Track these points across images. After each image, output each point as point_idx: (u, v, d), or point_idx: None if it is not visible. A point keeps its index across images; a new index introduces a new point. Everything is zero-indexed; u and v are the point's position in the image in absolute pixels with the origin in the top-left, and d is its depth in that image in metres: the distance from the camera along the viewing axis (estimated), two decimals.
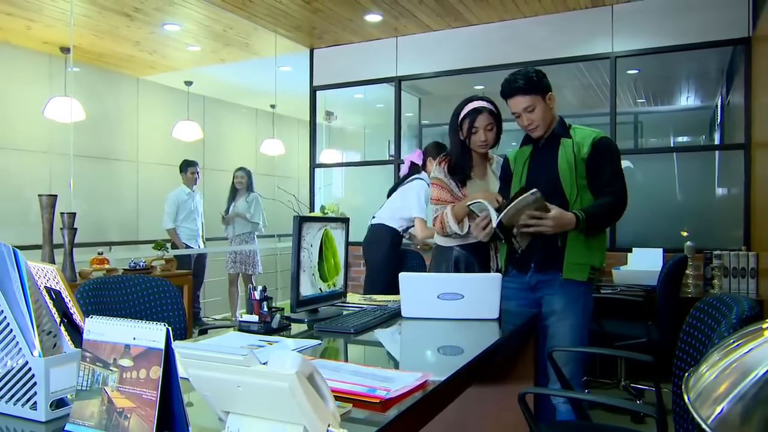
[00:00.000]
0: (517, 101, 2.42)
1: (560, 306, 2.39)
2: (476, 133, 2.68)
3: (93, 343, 1.08)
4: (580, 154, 2.39)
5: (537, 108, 2.41)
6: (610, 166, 2.39)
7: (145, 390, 1.01)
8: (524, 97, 2.40)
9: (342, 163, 6.58)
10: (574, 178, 2.38)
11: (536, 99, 2.40)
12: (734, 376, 0.68)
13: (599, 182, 2.38)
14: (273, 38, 5.52)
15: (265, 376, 0.85)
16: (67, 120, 4.97)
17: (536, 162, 2.51)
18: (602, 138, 2.42)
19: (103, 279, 2.16)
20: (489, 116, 2.67)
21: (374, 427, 1.13)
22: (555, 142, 2.46)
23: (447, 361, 1.79)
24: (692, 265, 4.02)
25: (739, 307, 1.40)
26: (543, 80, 2.42)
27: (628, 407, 1.69)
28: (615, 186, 2.38)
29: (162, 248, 4.25)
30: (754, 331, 0.70)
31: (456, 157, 2.77)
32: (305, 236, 2.16)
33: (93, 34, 5.40)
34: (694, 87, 6.05)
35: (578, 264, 2.36)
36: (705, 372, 0.74)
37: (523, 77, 2.40)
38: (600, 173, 2.38)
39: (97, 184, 6.51)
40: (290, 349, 1.70)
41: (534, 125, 2.45)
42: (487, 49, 5.12)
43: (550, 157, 2.45)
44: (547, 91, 2.43)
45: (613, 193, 2.37)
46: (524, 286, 2.49)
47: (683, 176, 4.78)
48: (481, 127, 2.67)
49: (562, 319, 2.39)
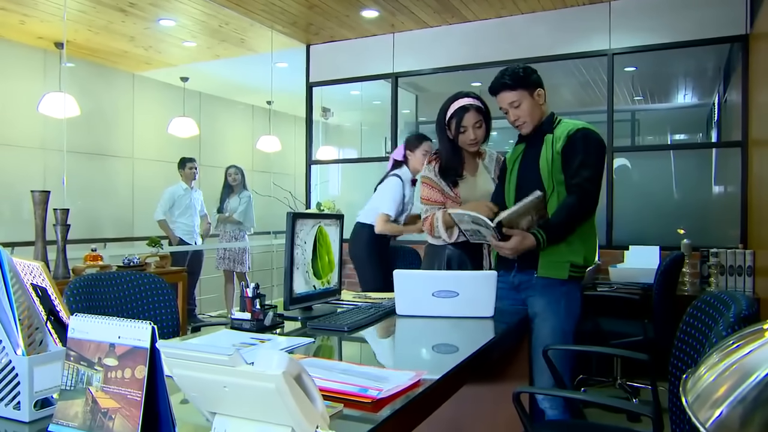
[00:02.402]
0: (503, 96, 2.40)
1: (540, 307, 2.33)
2: (465, 132, 2.64)
3: (77, 341, 1.05)
4: (555, 147, 2.35)
5: (523, 104, 2.38)
6: (580, 157, 2.29)
7: (130, 390, 0.99)
8: (510, 92, 2.38)
9: (338, 159, 6.56)
10: (551, 172, 2.33)
11: (522, 94, 2.37)
12: (734, 378, 0.66)
13: (567, 175, 2.31)
14: (269, 34, 5.48)
15: (251, 376, 0.83)
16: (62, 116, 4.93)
17: (525, 159, 2.48)
18: (579, 129, 2.34)
19: (95, 275, 2.13)
20: (476, 113, 2.63)
21: (366, 427, 1.11)
22: (540, 138, 2.42)
23: (441, 359, 1.77)
24: (689, 263, 4.01)
25: (737, 306, 1.38)
26: (531, 76, 2.39)
27: (623, 407, 1.66)
28: (578, 179, 2.27)
29: (156, 245, 4.22)
30: (753, 332, 0.68)
31: (446, 159, 2.73)
32: (299, 233, 2.14)
33: (88, 29, 5.36)
34: (691, 84, 6.04)
35: (555, 261, 2.30)
36: (704, 374, 0.72)
37: (510, 73, 2.38)
38: (569, 165, 2.31)
39: (91, 180, 6.47)
40: (282, 347, 1.67)
41: (521, 121, 2.42)
42: (484, 45, 5.09)
43: (536, 153, 2.42)
44: (536, 87, 2.40)
45: (576, 187, 2.27)
46: (510, 285, 2.44)
47: (680, 174, 4.76)
48: (469, 125, 2.63)
49: (543, 320, 2.32)
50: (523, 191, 2.34)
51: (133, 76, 7.02)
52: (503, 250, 2.27)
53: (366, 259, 3.93)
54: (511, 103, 2.39)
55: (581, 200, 2.28)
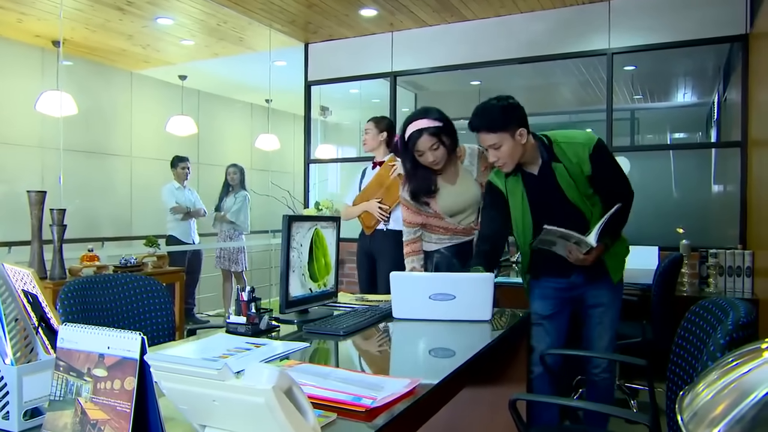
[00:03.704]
0: (483, 138, 2.34)
1: (608, 299, 2.52)
2: (422, 155, 2.62)
3: (66, 351, 1.04)
4: (583, 173, 2.36)
5: (504, 146, 2.30)
6: (610, 171, 2.41)
7: (119, 401, 0.97)
8: (489, 134, 2.30)
9: (337, 158, 6.54)
10: (581, 196, 2.39)
11: (503, 137, 2.29)
12: (732, 397, 0.65)
13: (607, 187, 2.41)
14: (267, 33, 5.46)
15: (241, 391, 0.82)
16: (59, 114, 4.91)
17: (535, 191, 2.43)
18: (594, 148, 2.36)
19: (88, 279, 2.12)
20: (430, 137, 2.58)
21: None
22: (548, 169, 2.40)
23: (438, 364, 1.76)
24: (688, 264, 4.00)
25: (735, 313, 1.37)
26: (511, 115, 2.30)
27: (619, 415, 1.65)
28: (619, 187, 2.43)
29: (153, 245, 4.20)
30: (752, 351, 0.67)
31: (412, 185, 2.72)
32: (295, 236, 2.12)
33: (85, 27, 5.34)
34: (691, 84, 6.02)
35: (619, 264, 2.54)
36: (701, 391, 0.70)
37: (487, 115, 2.29)
38: (605, 179, 2.40)
39: (89, 178, 6.45)
40: (277, 353, 1.66)
41: (501, 162, 2.36)
42: (483, 44, 5.07)
43: (549, 183, 2.39)
44: (518, 127, 2.30)
45: (620, 196, 2.38)
46: (566, 285, 2.53)
47: (679, 174, 4.75)
48: (425, 149, 2.60)
49: (605, 312, 2.52)
50: (542, 219, 2.35)
51: (131, 74, 6.99)
52: (586, 261, 2.35)
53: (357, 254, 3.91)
54: (492, 145, 2.32)
55: (628, 205, 2.43)
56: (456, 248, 2.81)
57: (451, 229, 2.81)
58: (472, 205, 2.77)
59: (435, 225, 2.82)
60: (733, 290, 3.89)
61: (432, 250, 2.84)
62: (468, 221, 2.80)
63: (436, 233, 2.84)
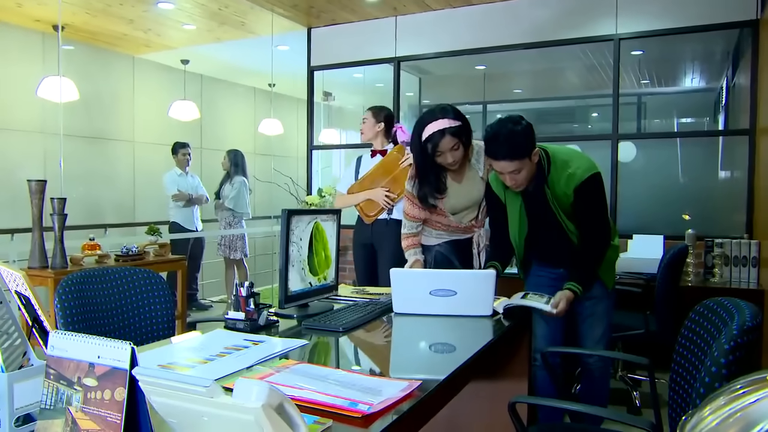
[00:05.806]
0: (503, 165, 2.28)
1: (599, 291, 2.52)
2: (441, 155, 2.56)
3: (57, 360, 1.02)
4: (567, 200, 2.37)
5: (524, 170, 2.28)
6: (591, 211, 2.39)
7: (109, 412, 0.96)
8: (511, 162, 2.26)
9: (340, 145, 6.49)
10: (566, 218, 2.41)
11: (524, 162, 2.26)
12: (737, 426, 0.62)
13: (584, 224, 2.42)
14: (270, 17, 5.39)
15: (230, 408, 0.79)
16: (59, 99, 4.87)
17: (530, 206, 2.48)
18: (582, 183, 2.33)
19: (86, 273, 2.10)
20: (453, 138, 2.52)
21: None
22: (540, 189, 2.40)
23: (439, 361, 1.74)
24: (693, 253, 3.96)
25: (741, 316, 1.34)
26: (529, 141, 2.27)
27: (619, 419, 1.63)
28: (596, 231, 2.42)
29: (155, 233, 4.19)
30: (760, 380, 0.64)
31: (427, 187, 2.66)
32: (294, 230, 2.10)
33: (86, 12, 5.28)
34: (699, 69, 5.93)
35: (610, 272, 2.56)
36: (707, 416, 0.68)
37: (513, 143, 2.23)
38: (583, 216, 2.40)
39: (92, 164, 6.43)
40: (276, 350, 1.64)
41: (518, 185, 2.35)
42: (488, 29, 4.99)
43: (540, 201, 2.42)
44: (533, 148, 2.28)
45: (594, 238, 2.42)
46: (558, 276, 2.52)
47: (686, 161, 4.69)
48: (446, 150, 2.54)
49: (600, 301, 2.53)
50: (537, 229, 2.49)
51: (133, 58, 6.94)
52: (561, 312, 2.32)
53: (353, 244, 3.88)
54: (512, 172, 2.28)
55: (602, 241, 2.44)
56: (454, 244, 2.78)
57: (453, 226, 2.78)
58: (475, 203, 2.74)
59: (437, 221, 2.79)
60: (738, 280, 3.85)
61: (431, 245, 2.81)
62: (468, 218, 2.77)
63: (437, 229, 2.82)
